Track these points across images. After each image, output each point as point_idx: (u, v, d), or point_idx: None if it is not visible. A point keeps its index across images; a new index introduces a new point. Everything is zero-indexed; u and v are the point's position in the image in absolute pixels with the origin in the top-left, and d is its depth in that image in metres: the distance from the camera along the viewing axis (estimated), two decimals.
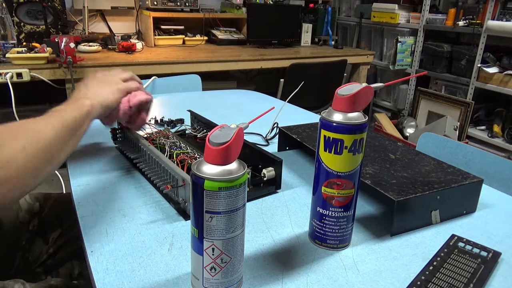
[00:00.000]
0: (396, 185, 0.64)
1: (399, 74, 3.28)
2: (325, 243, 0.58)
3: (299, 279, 0.52)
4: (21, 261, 0.81)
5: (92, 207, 0.66)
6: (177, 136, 0.85)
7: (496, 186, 0.80)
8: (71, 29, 2.59)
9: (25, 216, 0.84)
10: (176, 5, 2.64)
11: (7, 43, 1.96)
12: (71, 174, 0.77)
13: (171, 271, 0.52)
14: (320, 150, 0.54)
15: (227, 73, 2.97)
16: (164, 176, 0.69)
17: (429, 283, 0.50)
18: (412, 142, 2.47)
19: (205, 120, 0.94)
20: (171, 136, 0.84)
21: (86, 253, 0.55)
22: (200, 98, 1.42)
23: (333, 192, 0.54)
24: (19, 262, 0.81)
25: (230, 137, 0.43)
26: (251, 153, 0.78)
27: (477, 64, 2.60)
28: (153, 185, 0.73)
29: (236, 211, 0.44)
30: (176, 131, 0.97)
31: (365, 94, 0.51)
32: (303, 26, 2.97)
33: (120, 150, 0.87)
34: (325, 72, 2.45)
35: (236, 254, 0.47)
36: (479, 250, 0.57)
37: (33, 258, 0.83)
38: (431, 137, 1.05)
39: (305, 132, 0.90)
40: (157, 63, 2.16)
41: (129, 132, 0.85)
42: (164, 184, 0.66)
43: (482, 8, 2.60)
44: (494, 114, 2.71)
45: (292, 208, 0.69)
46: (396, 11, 3.09)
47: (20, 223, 0.83)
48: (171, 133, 0.87)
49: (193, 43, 2.76)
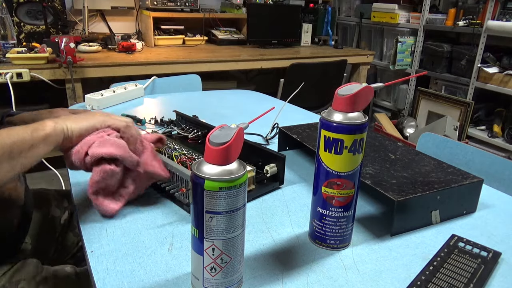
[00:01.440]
0: (396, 185, 0.64)
1: (399, 74, 3.28)
2: (325, 243, 0.58)
3: (299, 279, 0.52)
4: (55, 253, 0.86)
5: (92, 207, 0.66)
6: (168, 138, 0.84)
7: (496, 186, 0.80)
8: (71, 29, 2.59)
9: (56, 210, 0.88)
10: (176, 5, 2.64)
11: (7, 43, 1.96)
12: (71, 174, 0.77)
13: (171, 271, 0.52)
14: (320, 150, 0.54)
15: (227, 73, 2.97)
16: (170, 179, 0.69)
17: (429, 283, 0.50)
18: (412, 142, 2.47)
19: (192, 120, 0.93)
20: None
21: (86, 253, 0.55)
22: (200, 98, 1.42)
23: (333, 192, 0.54)
24: (53, 253, 0.85)
25: (230, 137, 0.43)
26: (251, 151, 0.78)
27: (477, 64, 2.60)
28: (153, 185, 0.73)
29: (236, 211, 0.44)
30: (163, 132, 0.94)
31: (365, 94, 0.51)
32: (303, 26, 2.97)
33: None
34: (325, 72, 2.45)
35: (236, 254, 0.47)
36: (479, 250, 0.57)
37: (66, 250, 0.88)
38: (431, 137, 1.05)
39: (305, 132, 0.90)
40: (157, 63, 2.16)
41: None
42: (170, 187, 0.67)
43: (482, 8, 2.60)
44: (494, 114, 2.71)
45: (292, 208, 0.69)
46: (396, 11, 3.08)
47: (52, 217, 0.87)
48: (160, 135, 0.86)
49: (193, 43, 2.76)
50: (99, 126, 0.62)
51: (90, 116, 0.64)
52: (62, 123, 0.59)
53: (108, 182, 0.61)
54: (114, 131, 0.63)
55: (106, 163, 0.60)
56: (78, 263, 0.86)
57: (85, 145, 0.60)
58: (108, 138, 0.61)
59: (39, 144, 0.56)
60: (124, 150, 0.61)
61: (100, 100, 1.19)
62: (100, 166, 0.60)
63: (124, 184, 0.65)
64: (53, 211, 0.88)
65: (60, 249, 0.87)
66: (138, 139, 0.65)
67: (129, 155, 0.61)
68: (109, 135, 0.62)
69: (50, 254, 0.84)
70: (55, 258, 0.85)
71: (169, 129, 0.98)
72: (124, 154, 0.60)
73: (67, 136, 0.59)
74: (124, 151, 0.61)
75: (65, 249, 0.88)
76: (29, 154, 0.55)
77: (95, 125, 0.62)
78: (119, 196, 0.64)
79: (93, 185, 0.61)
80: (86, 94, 1.20)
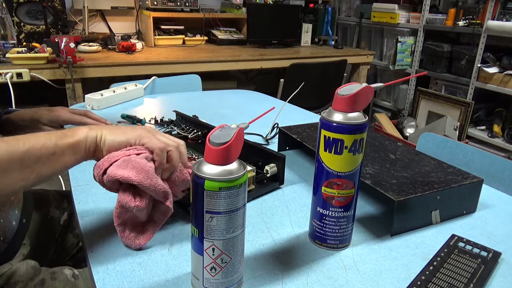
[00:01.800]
0: (396, 185, 0.64)
1: (399, 74, 3.28)
2: (325, 243, 0.58)
3: (299, 279, 0.52)
4: (54, 254, 0.85)
5: (92, 207, 0.66)
6: None
7: (496, 186, 0.80)
8: (71, 29, 2.59)
9: (55, 211, 0.88)
10: (176, 5, 2.64)
11: (7, 43, 1.96)
12: (71, 174, 0.77)
13: (171, 271, 0.52)
14: (320, 150, 0.54)
15: (227, 73, 2.97)
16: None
17: (429, 283, 0.50)
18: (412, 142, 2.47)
19: (192, 120, 0.93)
20: None
21: (86, 253, 0.55)
22: (200, 98, 1.42)
23: (333, 192, 0.54)
24: (53, 254, 0.85)
25: (231, 137, 0.43)
26: (251, 151, 0.78)
27: (477, 64, 2.60)
28: None
29: (236, 211, 0.44)
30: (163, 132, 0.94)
31: (365, 94, 0.51)
32: (303, 26, 2.97)
33: None
34: (325, 72, 2.45)
35: (236, 254, 0.47)
36: (479, 250, 0.57)
37: (65, 251, 0.87)
38: (431, 137, 1.05)
39: (305, 132, 0.90)
40: (157, 63, 2.16)
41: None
42: None
43: (482, 8, 2.60)
44: (494, 114, 2.71)
45: (292, 208, 0.69)
46: (396, 11, 3.08)
47: (51, 218, 0.87)
48: None
49: (193, 43, 2.75)
50: (133, 142, 0.55)
51: (129, 130, 0.57)
52: (97, 131, 0.54)
53: (130, 215, 0.53)
54: (146, 151, 0.54)
55: (128, 189, 0.52)
56: (77, 264, 0.86)
57: (107, 161, 0.52)
58: (134, 158, 0.52)
59: (64, 152, 0.51)
60: (147, 176, 0.50)
61: (100, 100, 1.19)
62: (120, 196, 0.52)
63: (153, 217, 0.56)
64: (52, 212, 0.87)
65: (60, 250, 0.86)
66: (177, 167, 0.55)
67: (152, 183, 0.51)
68: (138, 154, 0.53)
69: (49, 255, 0.84)
70: (55, 259, 0.85)
71: (169, 129, 0.98)
72: (145, 182, 0.50)
73: (99, 146, 0.54)
74: (147, 177, 0.50)
75: (64, 250, 0.88)
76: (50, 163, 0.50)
77: (129, 140, 0.55)
78: (146, 231, 0.56)
79: (116, 218, 0.54)
80: (86, 94, 1.20)
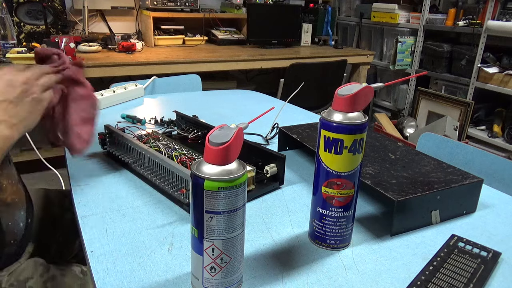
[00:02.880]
0: (396, 185, 0.64)
1: (399, 74, 3.28)
2: (325, 243, 0.58)
3: (299, 279, 0.52)
4: (56, 254, 0.85)
5: (92, 207, 0.66)
6: (168, 138, 0.85)
7: (496, 186, 0.80)
8: (71, 29, 2.59)
9: (56, 211, 0.88)
10: (176, 5, 2.64)
11: (7, 43, 1.96)
12: (71, 174, 0.77)
13: (171, 271, 0.52)
14: (320, 150, 0.54)
15: (227, 73, 2.97)
16: (170, 179, 0.69)
17: (429, 283, 0.50)
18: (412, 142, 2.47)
19: (192, 120, 0.93)
20: (161, 138, 0.83)
21: (86, 253, 0.55)
22: (200, 98, 1.42)
23: (333, 192, 0.54)
24: (55, 254, 0.85)
25: (230, 137, 0.43)
26: (251, 151, 0.78)
27: (477, 64, 2.60)
28: (153, 185, 0.73)
29: (236, 211, 0.44)
30: (163, 133, 0.94)
31: (365, 94, 0.51)
32: (303, 26, 2.97)
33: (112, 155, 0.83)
34: (325, 72, 2.45)
35: (236, 254, 0.47)
36: (479, 250, 0.57)
37: (67, 250, 0.88)
38: (431, 137, 1.05)
39: (305, 132, 0.90)
40: (157, 63, 2.16)
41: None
42: (170, 187, 0.67)
43: (482, 8, 2.60)
44: (494, 114, 2.71)
45: (292, 208, 0.69)
46: (396, 11, 3.09)
47: (53, 218, 0.87)
48: (160, 135, 0.86)
49: (193, 43, 2.76)
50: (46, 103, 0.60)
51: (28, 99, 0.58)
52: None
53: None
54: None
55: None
56: (81, 262, 0.86)
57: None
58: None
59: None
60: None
61: (100, 100, 1.19)
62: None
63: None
64: (53, 211, 0.88)
65: (61, 249, 0.87)
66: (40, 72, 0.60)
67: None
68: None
69: (51, 254, 0.84)
70: (58, 258, 0.85)
71: (169, 129, 0.98)
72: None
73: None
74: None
75: (66, 249, 0.88)
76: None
77: (41, 110, 0.59)
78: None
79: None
80: None
